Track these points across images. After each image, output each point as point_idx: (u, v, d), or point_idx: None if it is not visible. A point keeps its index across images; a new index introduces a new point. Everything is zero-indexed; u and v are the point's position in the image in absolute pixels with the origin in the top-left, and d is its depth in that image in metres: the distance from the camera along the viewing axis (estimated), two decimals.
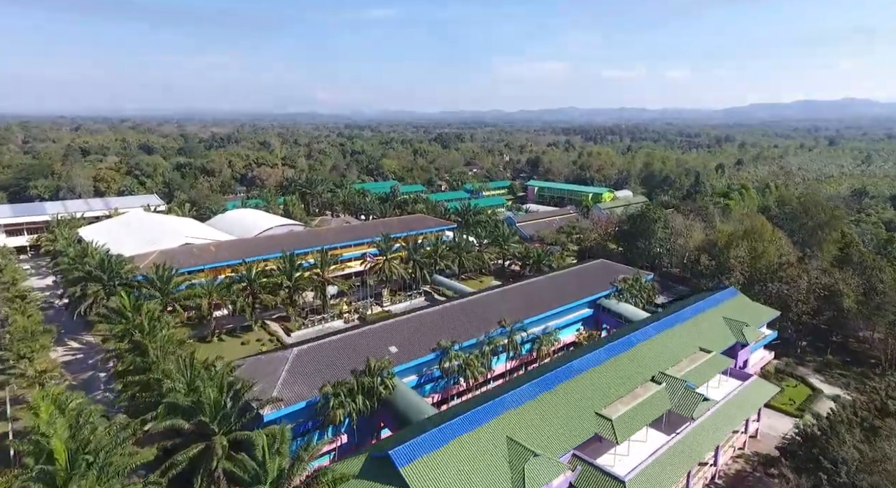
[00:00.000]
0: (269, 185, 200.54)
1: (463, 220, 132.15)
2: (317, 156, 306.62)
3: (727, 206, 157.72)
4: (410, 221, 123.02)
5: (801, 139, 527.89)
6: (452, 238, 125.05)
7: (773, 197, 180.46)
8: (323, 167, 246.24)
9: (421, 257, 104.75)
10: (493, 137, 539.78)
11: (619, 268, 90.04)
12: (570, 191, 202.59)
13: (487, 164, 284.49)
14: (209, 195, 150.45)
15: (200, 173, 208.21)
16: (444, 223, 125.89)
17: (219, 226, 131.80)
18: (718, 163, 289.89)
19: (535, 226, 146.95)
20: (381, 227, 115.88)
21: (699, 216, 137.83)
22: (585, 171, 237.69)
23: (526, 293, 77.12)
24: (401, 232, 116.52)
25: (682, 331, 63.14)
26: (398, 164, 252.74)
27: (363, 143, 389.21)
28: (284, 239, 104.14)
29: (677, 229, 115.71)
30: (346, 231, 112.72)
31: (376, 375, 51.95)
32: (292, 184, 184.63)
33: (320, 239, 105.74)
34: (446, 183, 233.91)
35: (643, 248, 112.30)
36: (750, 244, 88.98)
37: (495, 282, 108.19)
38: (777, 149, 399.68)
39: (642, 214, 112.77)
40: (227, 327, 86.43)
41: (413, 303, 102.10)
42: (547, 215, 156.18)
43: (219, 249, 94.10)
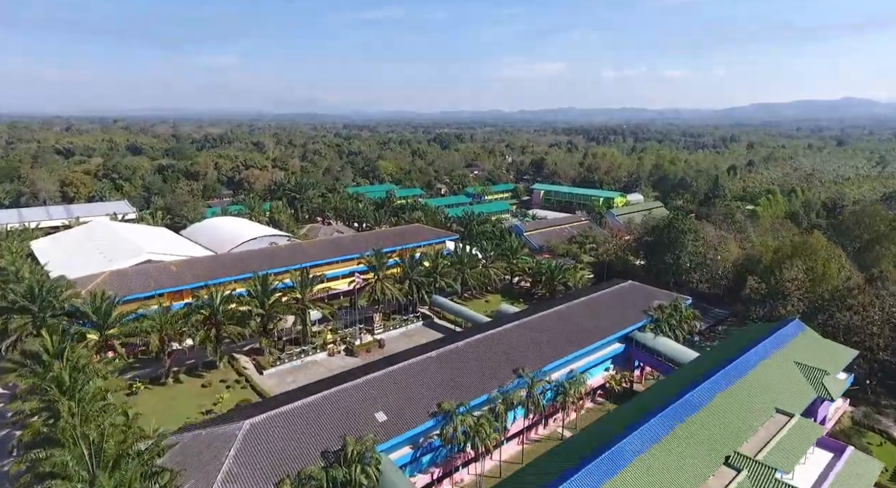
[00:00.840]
0: (257, 189, 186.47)
1: (466, 230, 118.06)
2: (311, 157, 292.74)
3: (755, 213, 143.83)
4: (406, 233, 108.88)
5: (806, 139, 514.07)
6: (453, 250, 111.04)
7: (798, 201, 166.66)
8: (316, 169, 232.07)
9: (418, 275, 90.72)
10: (494, 138, 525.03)
11: (653, 293, 75.95)
12: (578, 195, 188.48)
13: (489, 166, 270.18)
14: (187, 201, 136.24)
15: (184, 176, 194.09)
16: (444, 234, 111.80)
17: (194, 236, 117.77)
18: (730, 164, 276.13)
19: (545, 236, 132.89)
20: (372, 240, 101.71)
21: (725, 224, 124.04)
22: (593, 174, 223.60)
23: (544, 327, 62.99)
24: (395, 245, 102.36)
25: (750, 384, 49.02)
26: (395, 166, 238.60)
27: (360, 144, 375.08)
28: (261, 255, 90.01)
29: (709, 242, 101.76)
30: (333, 245, 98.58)
31: (355, 462, 37.88)
32: (280, 189, 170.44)
33: (302, 254, 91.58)
34: (446, 186, 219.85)
35: (670, 264, 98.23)
36: (805, 263, 74.83)
37: (505, 304, 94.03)
38: (786, 150, 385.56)
39: (670, 225, 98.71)
40: (188, 362, 72.40)
41: (409, 328, 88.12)
42: (557, 223, 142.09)
43: (182, 269, 79.93)
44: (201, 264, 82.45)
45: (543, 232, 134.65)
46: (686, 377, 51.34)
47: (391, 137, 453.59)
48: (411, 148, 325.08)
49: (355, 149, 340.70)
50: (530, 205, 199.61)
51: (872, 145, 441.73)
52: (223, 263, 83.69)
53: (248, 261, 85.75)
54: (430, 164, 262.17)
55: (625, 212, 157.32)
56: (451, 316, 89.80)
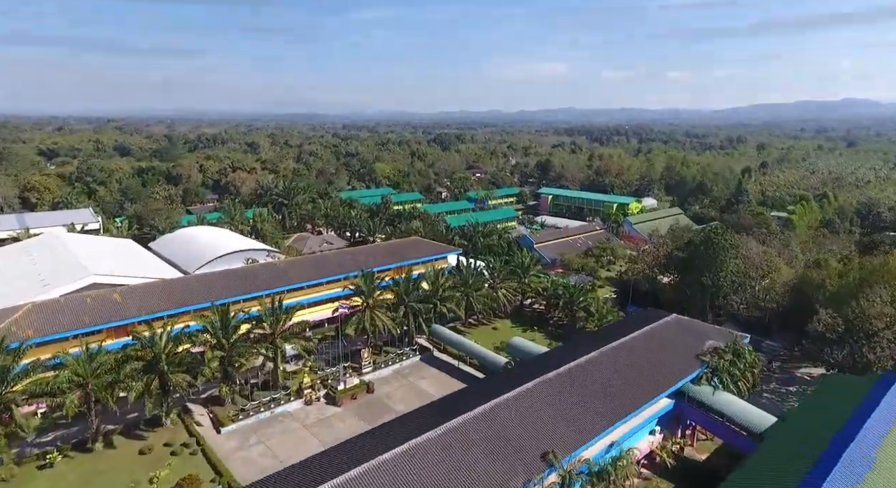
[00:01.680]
0: (244, 194, 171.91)
1: (470, 244, 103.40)
2: (306, 158, 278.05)
3: (790, 221, 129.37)
4: (402, 248, 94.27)
5: (812, 140, 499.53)
6: (456, 265, 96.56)
7: (831, 208, 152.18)
8: (309, 172, 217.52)
9: (415, 301, 76.23)
10: (495, 138, 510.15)
11: (703, 330, 61.41)
12: (589, 200, 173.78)
13: (491, 168, 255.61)
14: (159, 209, 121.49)
15: (165, 179, 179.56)
16: (445, 248, 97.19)
17: (163, 250, 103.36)
18: (744, 166, 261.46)
19: (557, 248, 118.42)
20: (362, 258, 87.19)
21: (758, 235, 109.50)
22: (602, 177, 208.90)
23: (576, 383, 48.45)
24: (389, 262, 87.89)
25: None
26: (393, 169, 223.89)
27: (358, 145, 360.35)
28: (228, 278, 75.38)
29: (752, 260, 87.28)
30: (315, 264, 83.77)
31: None
32: (267, 193, 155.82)
33: (278, 277, 76.97)
34: (447, 190, 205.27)
35: (708, 285, 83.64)
36: (891, 292, 60.29)
37: (518, 338, 79.70)
38: (797, 151, 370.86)
39: (708, 240, 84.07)
40: (128, 417, 57.92)
41: (404, 365, 73.69)
42: (570, 233, 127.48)
43: (127, 298, 65.34)
44: (152, 291, 67.81)
45: (555, 243, 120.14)
46: (790, 466, 36.88)
47: (390, 138, 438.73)
48: (410, 149, 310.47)
49: (353, 149, 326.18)
50: (537, 210, 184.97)
51: (884, 146, 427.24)
52: (180, 289, 69.04)
53: (211, 286, 71.18)
54: (429, 166, 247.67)
55: (643, 220, 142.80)
56: (453, 350, 75.30)
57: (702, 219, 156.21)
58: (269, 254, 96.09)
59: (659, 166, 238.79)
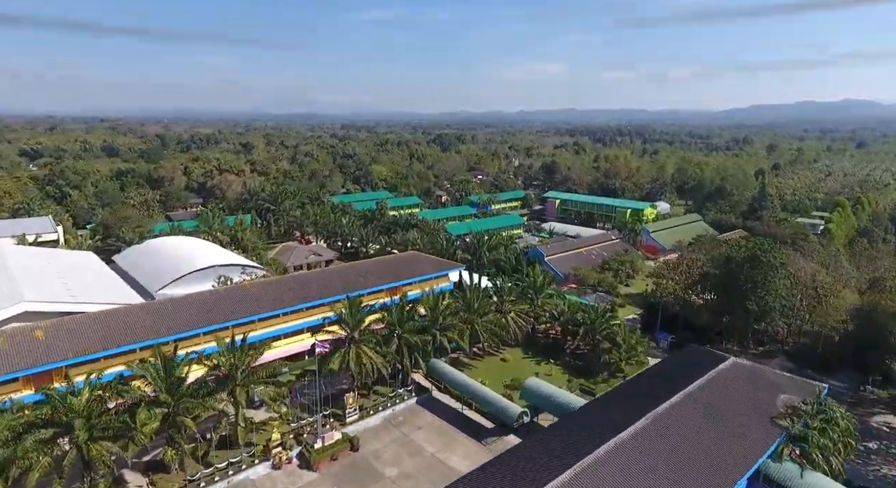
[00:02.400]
0: (230, 198, 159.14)
1: (473, 258, 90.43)
2: (301, 159, 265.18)
3: (827, 230, 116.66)
4: (398, 264, 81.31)
5: (819, 141, 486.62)
6: (457, 284, 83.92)
7: (865, 214, 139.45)
8: (301, 174, 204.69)
9: (411, 331, 63.48)
10: (495, 139, 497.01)
11: (774, 381, 48.52)
12: (600, 205, 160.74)
13: (493, 170, 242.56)
14: (128, 216, 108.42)
15: (146, 182, 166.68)
16: (445, 264, 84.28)
17: (127, 264, 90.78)
18: (757, 168, 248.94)
19: (570, 261, 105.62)
20: (351, 277, 74.35)
21: (799, 247, 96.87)
22: (612, 179, 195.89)
23: (627, 468, 35.63)
24: (382, 282, 75.11)
25: None
26: (390, 170, 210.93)
27: (356, 145, 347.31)
28: (187, 306, 62.41)
29: (800, 279, 74.64)
30: (293, 287, 70.54)
31: None
32: (253, 198, 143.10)
33: (247, 304, 64.08)
34: (447, 193, 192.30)
35: (754, 310, 70.90)
36: None
37: (535, 380, 67.16)
38: (808, 153, 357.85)
39: (754, 257, 71.29)
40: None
41: (397, 410, 61.07)
42: (583, 243, 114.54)
43: (52, 336, 52.46)
44: (85, 326, 54.89)
45: (568, 256, 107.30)
46: None
47: (389, 138, 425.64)
48: (409, 149, 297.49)
49: (350, 150, 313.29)
50: (543, 215, 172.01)
51: (894, 148, 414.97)
52: (120, 323, 56.11)
53: (161, 318, 58.30)
54: (429, 168, 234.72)
55: (661, 229, 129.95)
56: (455, 391, 62.57)
57: (722, 226, 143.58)
58: (245, 271, 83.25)
59: (670, 168, 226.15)
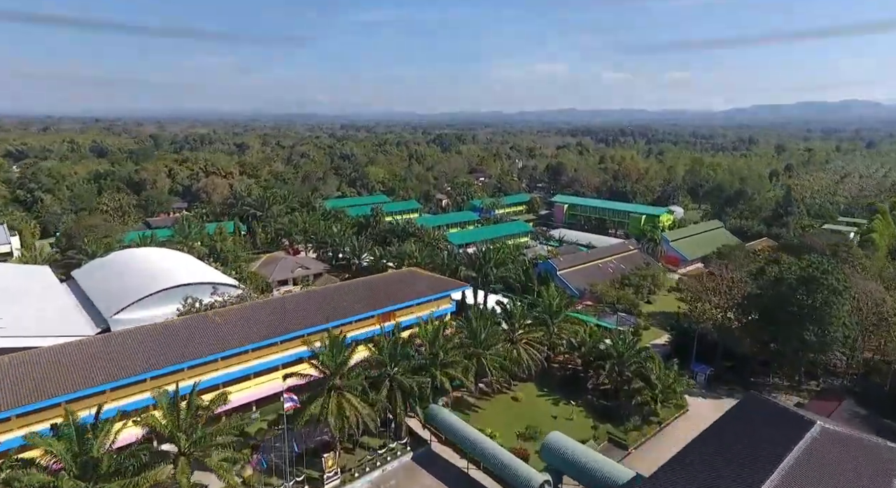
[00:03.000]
0: (215, 202, 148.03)
1: (478, 274, 79.12)
2: (297, 160, 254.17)
3: (869, 239, 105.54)
4: (392, 284, 70.06)
5: (824, 141, 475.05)
6: (459, 305, 72.94)
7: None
8: (294, 176, 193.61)
9: (405, 370, 52.34)
10: (496, 139, 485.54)
11: (873, 449, 37.18)
12: (612, 210, 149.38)
13: (496, 172, 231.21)
14: (94, 225, 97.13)
15: (126, 185, 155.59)
16: (447, 284, 73.04)
17: (86, 282, 79.65)
18: (770, 169, 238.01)
19: (585, 275, 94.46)
20: (335, 301, 63.15)
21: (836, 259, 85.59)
22: (621, 182, 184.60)
23: None
24: (372, 308, 64.00)
25: None
26: (388, 172, 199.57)
27: (353, 145, 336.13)
28: (132, 342, 51.22)
29: (861, 300, 63.54)
30: (267, 314, 59.37)
31: None
32: (239, 203, 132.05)
33: (207, 341, 52.90)
34: (447, 197, 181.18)
35: (812, 342, 59.69)
36: None
37: (558, 434, 56.03)
38: (818, 153, 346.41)
39: (810, 279, 60.09)
40: None
41: (388, 471, 50.00)
42: (599, 254, 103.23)
43: None
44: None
45: (583, 269, 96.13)
46: None
47: (388, 138, 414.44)
48: (409, 150, 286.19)
49: (348, 151, 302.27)
50: (551, 221, 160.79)
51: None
52: (29, 371, 44.85)
53: (94, 362, 47.11)
54: (428, 169, 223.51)
55: (682, 237, 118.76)
56: (459, 445, 51.45)
57: (744, 233, 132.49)
58: (216, 290, 71.99)
59: (680, 170, 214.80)
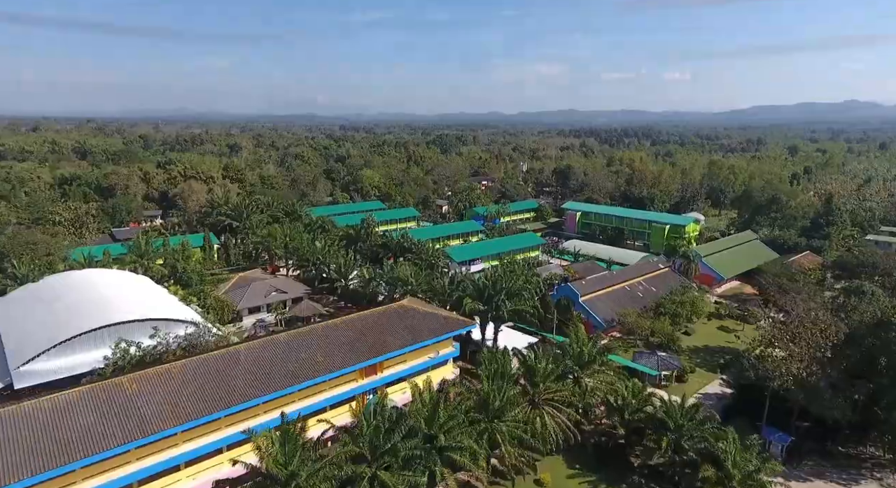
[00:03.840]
0: (190, 210, 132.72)
1: (489, 308, 63.53)
2: (290, 162, 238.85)
3: None
4: (379, 327, 54.44)
5: (833, 142, 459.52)
6: (462, 345, 57.74)
7: None
8: (288, 178, 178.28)
9: (393, 460, 36.99)
10: (497, 140, 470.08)
11: None
12: (630, 219, 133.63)
13: (499, 174, 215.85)
14: (34, 242, 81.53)
15: (94, 192, 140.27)
16: (448, 324, 57.52)
17: (4, 316, 64.36)
18: (791, 172, 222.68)
19: (612, 301, 79.14)
20: (304, 354, 47.64)
21: None
22: (636, 187, 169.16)
23: None
24: (350, 362, 48.65)
25: None
26: (384, 175, 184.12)
27: (350, 147, 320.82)
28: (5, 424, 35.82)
29: None
30: (205, 379, 43.84)
31: None
32: (214, 212, 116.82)
33: (110, 421, 37.50)
34: (448, 203, 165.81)
35: None
36: None
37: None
38: (830, 155, 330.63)
39: None
40: None
41: None
42: (625, 276, 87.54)
43: None
44: None
45: (608, 294, 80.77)
46: None
47: (386, 139, 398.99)
48: (407, 152, 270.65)
49: (344, 152, 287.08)
50: (562, 230, 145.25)
51: None
52: None
53: None
54: (427, 173, 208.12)
55: (715, 251, 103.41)
56: None
57: (780, 245, 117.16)
58: (157, 332, 56.48)
59: (697, 173, 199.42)
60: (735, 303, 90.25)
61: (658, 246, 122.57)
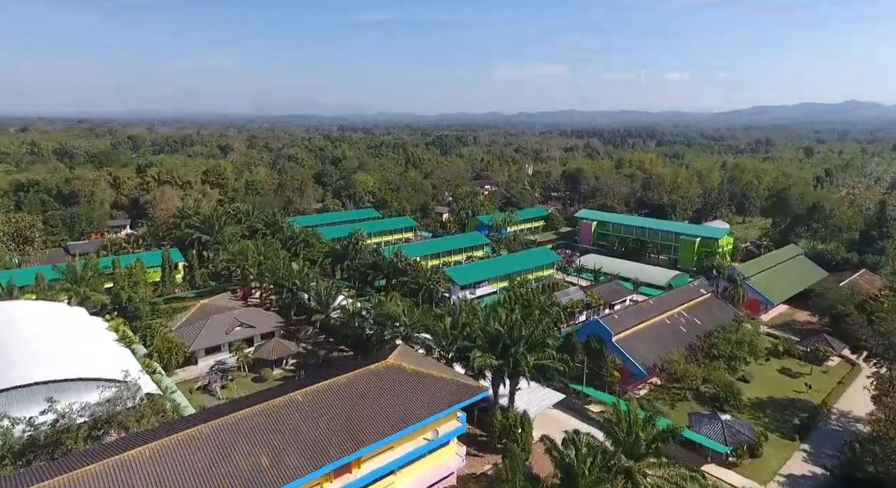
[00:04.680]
0: (159, 220, 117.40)
1: (505, 363, 48.07)
2: (283, 164, 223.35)
3: None
4: (360, 400, 39.14)
5: (842, 143, 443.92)
6: (469, 416, 42.40)
7: None
8: (269, 185, 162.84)
9: None
10: (498, 141, 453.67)
11: None
12: (653, 231, 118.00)
13: (503, 178, 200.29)
14: None
15: (56, 199, 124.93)
16: (452, 393, 42.09)
17: None
18: (814, 174, 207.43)
19: (650, 339, 63.87)
20: (246, 453, 32.16)
21: None
22: (654, 192, 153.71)
23: None
24: (309, 468, 33.18)
25: None
26: (380, 179, 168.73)
27: (346, 148, 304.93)
28: None
29: None
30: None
31: None
32: (183, 223, 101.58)
33: None
34: (448, 211, 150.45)
35: None
36: None
37: None
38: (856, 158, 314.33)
39: None
40: None
41: None
42: (664, 306, 71.78)
43: None
44: None
45: (645, 330, 65.42)
46: None
47: (384, 140, 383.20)
48: (405, 153, 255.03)
49: (339, 153, 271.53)
50: (576, 242, 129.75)
51: None
52: None
53: None
54: (426, 176, 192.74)
55: (757, 271, 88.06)
56: None
57: (827, 262, 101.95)
58: (51, 405, 41.01)
59: (716, 176, 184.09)
60: (795, 337, 74.98)
61: (687, 261, 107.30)
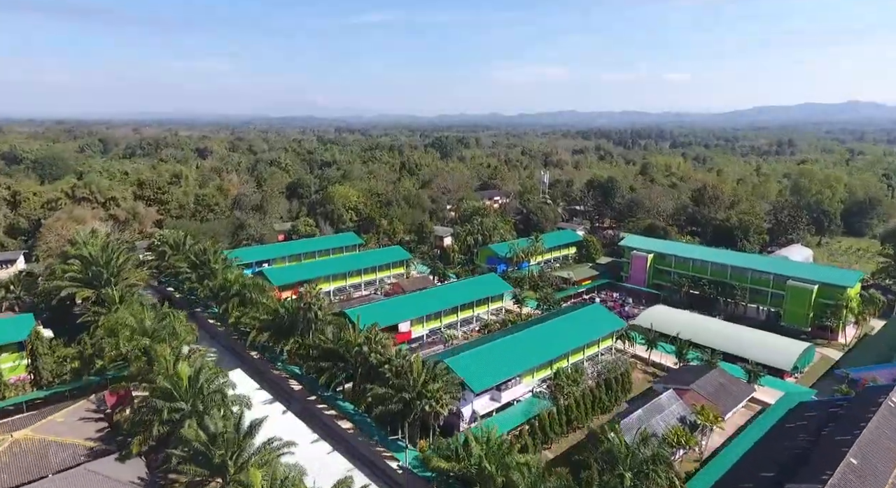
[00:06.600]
0: (43, 255, 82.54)
1: None
2: (263, 169, 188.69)
3: None
4: None
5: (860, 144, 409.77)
6: None
7: None
8: (230, 198, 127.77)
9: None
10: (501, 142, 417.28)
11: None
12: (742, 270, 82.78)
13: (515, 187, 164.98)
14: None
15: None
16: None
17: None
18: (882, 179, 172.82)
19: None
20: None
21: None
22: (710, 208, 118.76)
23: None
24: None
25: None
26: (365, 192, 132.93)
27: (337, 151, 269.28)
28: None
29: None
30: None
31: None
32: (58, 269, 66.87)
33: None
34: (451, 235, 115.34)
35: None
36: None
37: None
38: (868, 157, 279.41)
39: None
40: None
41: None
42: (883, 463, 37.16)
43: None
44: None
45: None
46: None
47: (380, 141, 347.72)
48: (401, 158, 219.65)
49: (329, 157, 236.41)
50: (622, 280, 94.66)
51: None
52: None
53: None
54: (424, 185, 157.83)
55: None
56: None
57: None
58: None
59: (774, 186, 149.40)
60: None
61: (798, 318, 72.75)
